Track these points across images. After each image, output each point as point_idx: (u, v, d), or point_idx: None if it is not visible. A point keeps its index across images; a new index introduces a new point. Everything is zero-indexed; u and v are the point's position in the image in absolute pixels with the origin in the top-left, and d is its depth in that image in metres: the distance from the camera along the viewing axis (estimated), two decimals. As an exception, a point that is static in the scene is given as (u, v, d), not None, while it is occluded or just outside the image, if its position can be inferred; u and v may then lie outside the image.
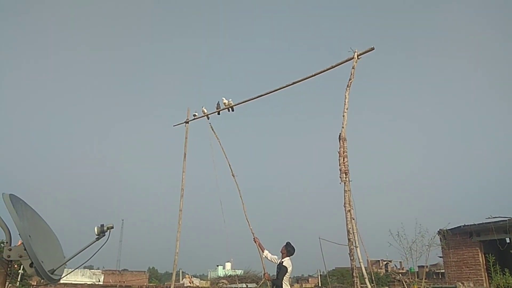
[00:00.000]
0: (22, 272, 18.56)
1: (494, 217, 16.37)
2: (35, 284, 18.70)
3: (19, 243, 3.17)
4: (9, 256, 3.08)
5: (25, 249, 3.01)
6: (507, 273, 10.40)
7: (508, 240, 16.33)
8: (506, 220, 15.77)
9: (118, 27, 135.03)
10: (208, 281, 33.43)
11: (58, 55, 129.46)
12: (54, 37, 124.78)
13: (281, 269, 7.33)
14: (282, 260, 7.47)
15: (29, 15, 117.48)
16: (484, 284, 15.72)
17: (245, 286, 19.15)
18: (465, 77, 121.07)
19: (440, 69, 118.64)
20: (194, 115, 13.05)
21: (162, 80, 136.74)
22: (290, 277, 7.90)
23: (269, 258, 8.07)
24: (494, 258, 13.29)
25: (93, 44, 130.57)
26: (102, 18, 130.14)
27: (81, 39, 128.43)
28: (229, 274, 35.69)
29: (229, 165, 11.61)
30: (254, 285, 21.40)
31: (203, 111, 12.74)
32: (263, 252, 8.27)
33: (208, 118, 12.62)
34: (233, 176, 11.49)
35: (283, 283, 7.25)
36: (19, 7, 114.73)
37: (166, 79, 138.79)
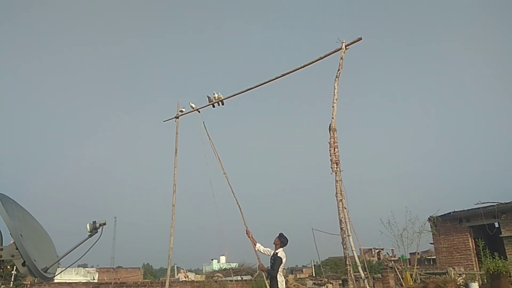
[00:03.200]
0: (15, 272, 18.43)
1: (483, 203, 16.68)
2: (28, 284, 18.60)
3: (11, 243, 3.16)
4: (1, 256, 3.06)
5: (17, 249, 2.99)
6: (496, 257, 10.61)
7: (497, 225, 16.65)
8: (494, 205, 16.06)
9: (106, 23, 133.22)
10: (203, 275, 33.52)
11: (47, 56, 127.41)
12: (44, 37, 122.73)
13: (276, 260, 7.39)
14: (276, 251, 7.53)
15: (19, 15, 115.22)
16: (475, 268, 16.02)
17: (240, 279, 19.27)
18: (457, 67, 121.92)
19: (432, 59, 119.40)
20: (181, 111, 12.99)
21: (152, 76, 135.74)
22: (284, 268, 7.97)
23: (262, 251, 8.12)
24: (483, 242, 13.53)
25: (82, 42, 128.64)
26: (92, 16, 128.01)
27: (70, 37, 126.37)
28: (224, 267, 35.84)
29: (220, 163, 11.62)
30: (249, 277, 21.55)
31: (190, 106, 12.70)
32: (255, 246, 8.31)
33: (199, 112, 12.58)
34: (224, 174, 11.50)
35: (278, 274, 7.32)
36: (11, 8, 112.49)
37: (156, 74, 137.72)
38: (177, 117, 13.13)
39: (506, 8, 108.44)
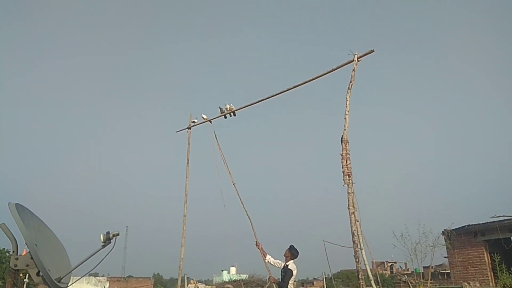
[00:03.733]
0: (27, 281, 18.59)
1: (498, 216, 16.32)
2: (40, 292, 18.76)
3: (24, 252, 3.21)
4: (16, 265, 3.11)
5: (31, 258, 3.04)
6: (513, 272, 10.37)
7: (513, 239, 16.29)
8: (510, 219, 15.72)
9: (118, 30, 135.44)
10: (213, 286, 33.34)
11: (57, 62, 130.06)
12: (50, 44, 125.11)
13: (287, 272, 7.33)
14: (287, 263, 7.47)
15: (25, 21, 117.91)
16: (490, 284, 15.64)
17: (250, 291, 19.11)
18: (467, 76, 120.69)
19: (442, 68, 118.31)
20: (194, 122, 13.15)
21: (165, 85, 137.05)
22: (295, 281, 7.89)
23: (272, 263, 8.05)
24: (499, 257, 13.23)
25: (94, 49, 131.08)
26: (103, 23, 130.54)
27: (82, 44, 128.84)
28: (234, 278, 35.59)
29: (229, 172, 11.68)
30: (259, 289, 21.37)
31: (202, 117, 12.85)
32: (265, 257, 8.25)
33: (211, 122, 12.70)
34: (234, 184, 11.55)
35: (288, 286, 7.25)
36: (21, 12, 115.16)
37: (170, 84, 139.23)
38: (189, 128, 13.26)
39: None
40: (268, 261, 8.12)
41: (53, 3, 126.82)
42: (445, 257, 18.71)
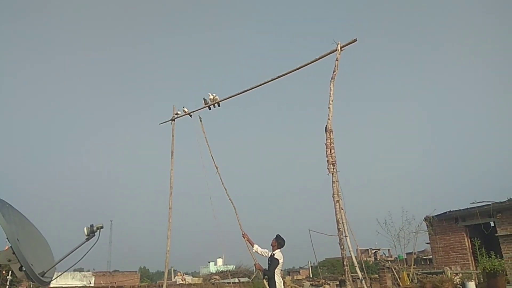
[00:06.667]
0: (10, 277, 18.29)
1: (478, 202, 16.77)
2: (24, 289, 18.48)
3: (6, 248, 3.14)
4: (-3, 261, 3.05)
5: (13, 253, 2.98)
6: (492, 256, 10.67)
7: (492, 224, 16.74)
8: (490, 205, 16.15)
9: (103, 26, 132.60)
10: (200, 278, 33.45)
11: (47, 60, 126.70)
12: (39, 43, 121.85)
13: (272, 261, 7.39)
14: (273, 252, 7.53)
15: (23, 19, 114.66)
16: (471, 268, 16.10)
17: (237, 281, 19.23)
18: (454, 67, 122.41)
19: (430, 59, 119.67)
20: (177, 113, 13.03)
21: (148, 78, 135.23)
22: (281, 270, 7.96)
23: (259, 252, 8.10)
24: (479, 242, 13.61)
25: (81, 46, 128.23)
26: (91, 21, 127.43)
27: (70, 41, 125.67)
28: (221, 270, 35.74)
29: (212, 157, 11.58)
30: (247, 279, 21.51)
31: (183, 110, 12.74)
32: (252, 247, 8.29)
33: (191, 116, 12.60)
34: (216, 168, 11.46)
35: (275, 274, 7.32)
36: (18, 12, 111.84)
37: (152, 76, 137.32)
38: (173, 120, 13.12)
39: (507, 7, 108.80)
40: (255, 251, 8.17)
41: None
42: (427, 243, 19.15)
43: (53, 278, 3.48)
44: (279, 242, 7.61)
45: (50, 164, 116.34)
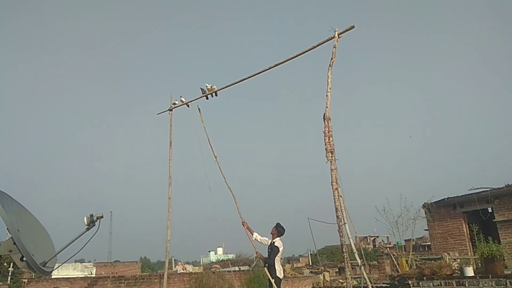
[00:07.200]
0: (12, 269, 18.38)
1: (476, 188, 16.84)
2: (26, 280, 18.60)
3: (7, 238, 3.15)
4: (-2, 252, 3.06)
5: (14, 244, 2.99)
6: (490, 242, 10.75)
7: (490, 210, 16.84)
8: (488, 191, 16.22)
9: (100, 20, 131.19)
10: (201, 267, 33.68)
11: (46, 56, 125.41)
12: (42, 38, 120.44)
13: (273, 249, 7.45)
14: (273, 240, 7.59)
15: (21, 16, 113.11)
16: (469, 253, 16.24)
17: (237, 269, 19.38)
18: (452, 58, 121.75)
19: (429, 49, 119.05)
20: (174, 103, 12.99)
21: (146, 68, 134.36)
22: (281, 258, 8.03)
23: (259, 240, 8.16)
24: (477, 227, 13.69)
25: (80, 40, 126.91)
26: (88, 18, 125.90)
27: (68, 34, 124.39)
28: (221, 258, 35.98)
29: (212, 147, 11.53)
30: (247, 267, 21.68)
31: (181, 100, 12.68)
32: (252, 235, 8.34)
33: (188, 106, 12.55)
34: (215, 157, 11.43)
35: (275, 262, 7.39)
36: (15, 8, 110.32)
37: (150, 67, 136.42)
38: (170, 110, 13.09)
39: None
40: (255, 239, 8.22)
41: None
42: (425, 230, 19.26)
43: (54, 268, 3.50)
44: (279, 231, 7.66)
45: (50, 156, 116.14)
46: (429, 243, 22.84)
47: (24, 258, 2.99)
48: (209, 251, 51.20)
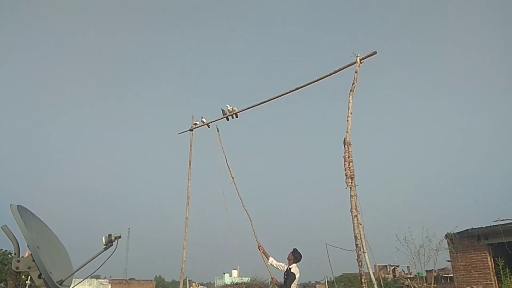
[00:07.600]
0: (29, 283, 18.57)
1: (501, 220, 16.24)
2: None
3: (26, 254, 3.19)
4: (17, 268, 3.09)
5: (33, 260, 3.02)
6: (517, 277, 10.30)
7: (517, 243, 16.18)
8: (514, 223, 15.63)
9: (119, 27, 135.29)
10: (215, 289, 33.29)
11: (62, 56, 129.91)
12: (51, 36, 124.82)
13: (289, 275, 7.30)
14: (290, 266, 7.44)
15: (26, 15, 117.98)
16: (494, 288, 15.54)
17: (252, 294, 19.05)
18: (476, 79, 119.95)
19: (448, 69, 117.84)
20: (195, 124, 13.19)
21: (168, 87, 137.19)
22: (297, 284, 7.85)
23: (275, 265, 8.02)
24: (503, 261, 13.14)
25: (94, 47, 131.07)
26: (104, 18, 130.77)
27: (82, 39, 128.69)
28: (236, 281, 35.50)
29: (228, 167, 11.57)
30: (261, 292, 21.30)
31: (202, 120, 12.89)
32: (268, 259, 8.22)
33: (209, 127, 12.74)
34: (232, 178, 11.44)
35: (291, 289, 7.22)
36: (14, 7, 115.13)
37: (172, 85, 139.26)
38: (191, 130, 13.27)
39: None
40: (271, 264, 8.09)
41: None
42: (448, 261, 18.63)
43: (71, 286, 3.51)
44: (295, 256, 7.52)
45: (69, 172, 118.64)
46: (452, 275, 21.98)
47: (42, 276, 3.02)
48: (224, 273, 50.54)
